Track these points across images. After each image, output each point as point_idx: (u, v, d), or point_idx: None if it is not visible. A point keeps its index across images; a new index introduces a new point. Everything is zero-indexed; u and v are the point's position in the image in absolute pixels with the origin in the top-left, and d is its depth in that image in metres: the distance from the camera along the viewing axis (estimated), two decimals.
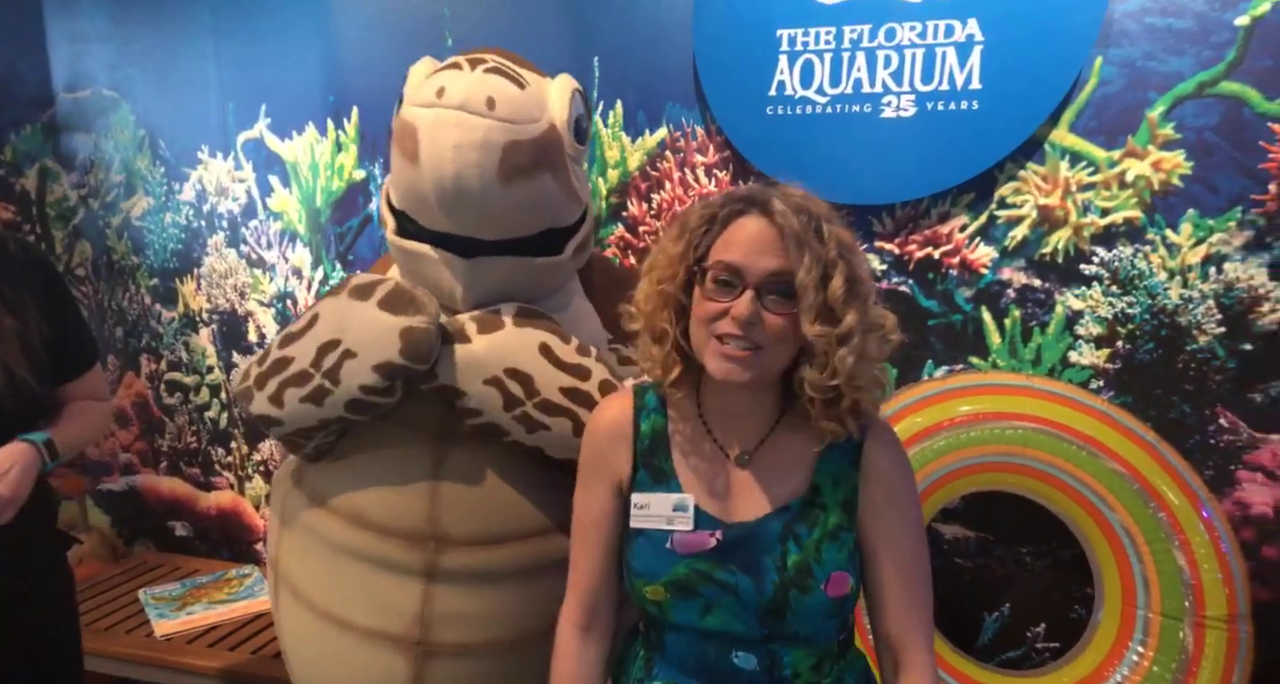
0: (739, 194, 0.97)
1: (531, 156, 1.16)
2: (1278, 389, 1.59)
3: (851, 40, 1.66)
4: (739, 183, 1.84)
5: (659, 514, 1.02)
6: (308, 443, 1.34)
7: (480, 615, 1.27)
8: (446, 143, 1.11)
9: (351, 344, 1.19)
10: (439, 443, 1.28)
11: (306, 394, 1.23)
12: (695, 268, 0.96)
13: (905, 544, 1.01)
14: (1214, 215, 1.57)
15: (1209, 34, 1.52)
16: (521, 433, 1.22)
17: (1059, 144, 1.63)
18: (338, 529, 1.31)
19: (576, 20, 1.91)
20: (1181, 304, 1.61)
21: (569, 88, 1.26)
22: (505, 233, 1.22)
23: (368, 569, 1.29)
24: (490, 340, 1.20)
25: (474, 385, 1.19)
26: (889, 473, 1.01)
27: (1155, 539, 1.55)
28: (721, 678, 1.02)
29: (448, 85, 1.12)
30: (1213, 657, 1.52)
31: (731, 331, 0.92)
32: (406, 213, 1.26)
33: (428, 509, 1.26)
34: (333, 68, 2.19)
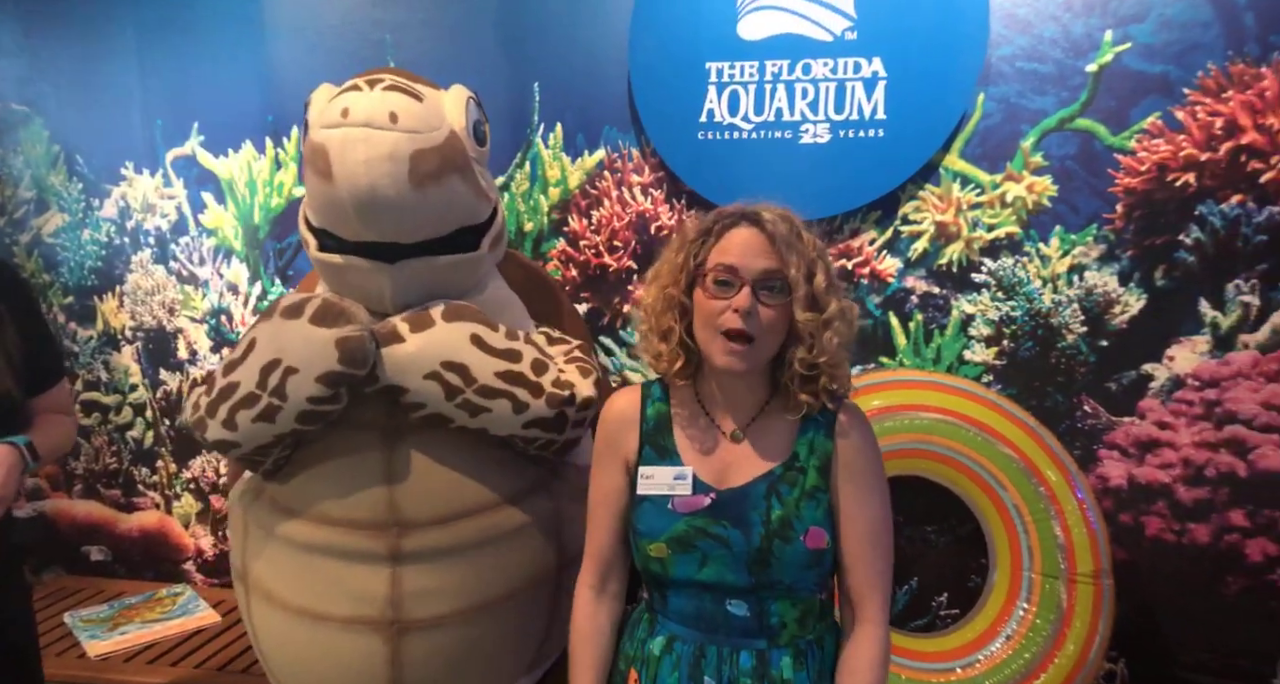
0: (729, 211, 1.15)
1: (438, 162, 1.28)
2: (1129, 378, 1.87)
3: (773, 74, 1.86)
4: (673, 201, 2.01)
5: (662, 482, 1.18)
6: (266, 459, 1.42)
7: (446, 588, 1.38)
8: (358, 158, 1.22)
9: (292, 361, 1.27)
10: (388, 438, 1.38)
11: (258, 414, 1.31)
12: (696, 273, 1.13)
13: (870, 509, 1.17)
14: (1076, 231, 1.84)
15: (1066, 78, 1.80)
16: (465, 418, 1.33)
17: (951, 168, 1.87)
18: (305, 531, 1.40)
19: (517, 48, 2.05)
20: (1053, 307, 1.87)
21: (463, 96, 1.40)
22: (423, 234, 1.34)
23: (337, 563, 1.38)
24: (423, 338, 1.31)
25: (414, 381, 1.30)
26: (857, 443, 1.17)
27: (1037, 511, 1.78)
28: (717, 625, 1.18)
29: (351, 105, 1.24)
30: (1083, 607, 1.76)
31: (734, 324, 1.09)
32: (327, 229, 1.36)
33: (386, 499, 1.36)
34: (271, 88, 2.24)
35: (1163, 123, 1.76)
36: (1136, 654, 1.93)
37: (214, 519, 2.51)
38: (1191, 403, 1.84)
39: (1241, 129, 1.73)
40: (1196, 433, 1.84)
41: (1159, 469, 1.88)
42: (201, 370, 2.43)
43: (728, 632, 1.17)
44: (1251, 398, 1.81)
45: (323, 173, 1.26)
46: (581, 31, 2.00)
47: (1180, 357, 1.83)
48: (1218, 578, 1.87)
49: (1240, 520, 1.84)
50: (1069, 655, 1.74)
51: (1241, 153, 1.74)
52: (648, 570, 1.21)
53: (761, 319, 1.09)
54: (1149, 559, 1.90)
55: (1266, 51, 1.71)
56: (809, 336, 1.10)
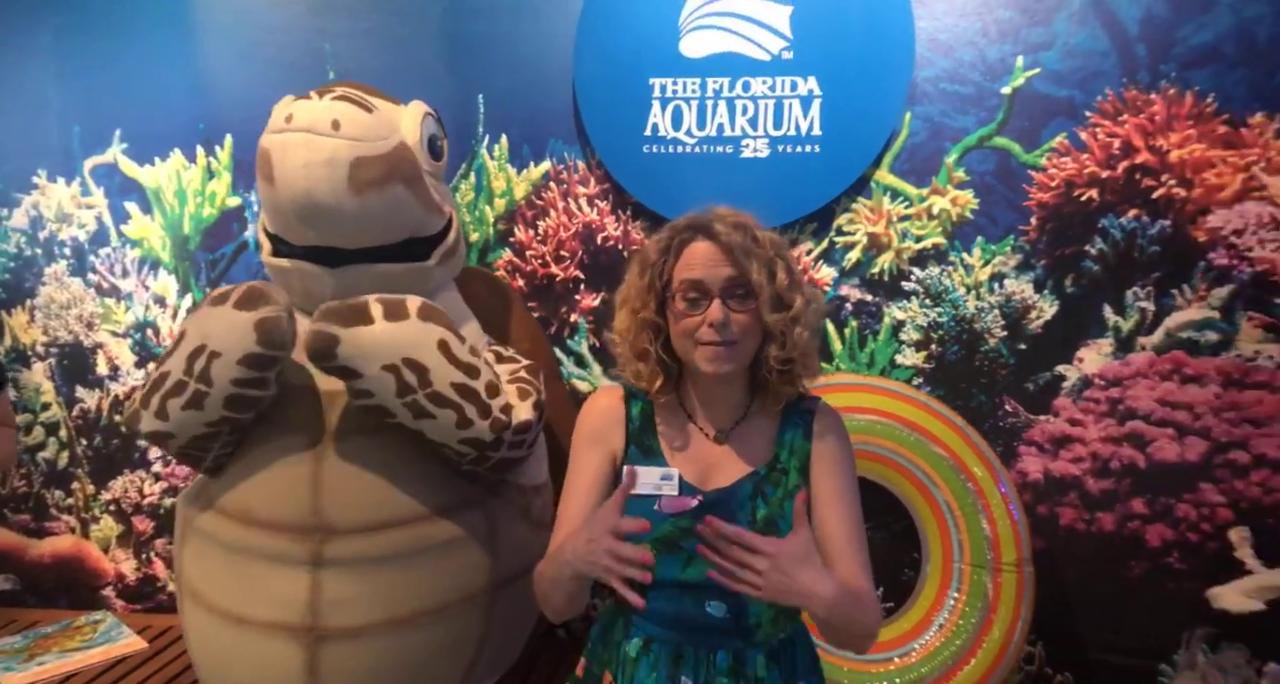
0: (681, 224, 1.19)
1: (381, 170, 1.31)
2: (1044, 379, 2.01)
3: (714, 90, 1.94)
4: (619, 212, 2.06)
5: (648, 483, 1.20)
6: (206, 455, 1.42)
7: (367, 598, 1.37)
8: (296, 162, 1.26)
9: (215, 345, 1.29)
10: (318, 440, 1.39)
11: (186, 401, 1.32)
12: (664, 293, 1.18)
13: (846, 502, 1.21)
14: (995, 241, 1.98)
15: (984, 99, 1.94)
16: (407, 417, 1.33)
17: (882, 182, 1.99)
18: (231, 530, 1.40)
19: (461, 60, 2.07)
20: (976, 313, 2.00)
21: (420, 111, 1.45)
22: (365, 241, 1.36)
23: (260, 564, 1.37)
24: (394, 327, 1.31)
25: (372, 369, 1.29)
26: (832, 442, 1.23)
27: (965, 505, 1.90)
28: (696, 626, 1.20)
29: (295, 112, 1.29)
30: (1007, 594, 1.87)
31: (710, 337, 1.13)
32: (278, 234, 1.39)
33: (311, 502, 1.36)
34: (202, 95, 2.18)
35: (1069, 142, 1.92)
36: (1052, 637, 2.06)
37: (137, 542, 2.41)
38: (1098, 401, 2.00)
39: (1136, 149, 1.90)
40: (1103, 429, 1.99)
41: (1071, 463, 2.02)
42: (125, 387, 2.34)
43: (705, 632, 1.20)
44: (1149, 395, 1.97)
45: (266, 176, 1.30)
46: (525, 45, 2.04)
47: (1088, 358, 1.98)
48: (1122, 563, 2.02)
49: (1141, 508, 2.00)
50: (995, 641, 1.85)
51: (1136, 171, 1.91)
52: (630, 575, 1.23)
53: (735, 326, 1.14)
54: (1063, 547, 2.04)
55: (1155, 79, 1.88)
56: (780, 334, 1.16)
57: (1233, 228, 1.90)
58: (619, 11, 1.94)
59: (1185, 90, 1.86)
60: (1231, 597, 1.76)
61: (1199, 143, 1.87)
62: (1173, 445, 1.97)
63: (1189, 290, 1.92)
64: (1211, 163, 1.88)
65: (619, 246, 2.07)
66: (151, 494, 2.38)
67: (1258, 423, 1.93)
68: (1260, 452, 1.93)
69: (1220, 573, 1.94)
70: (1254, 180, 1.87)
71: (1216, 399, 1.94)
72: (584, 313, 2.10)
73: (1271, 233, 1.88)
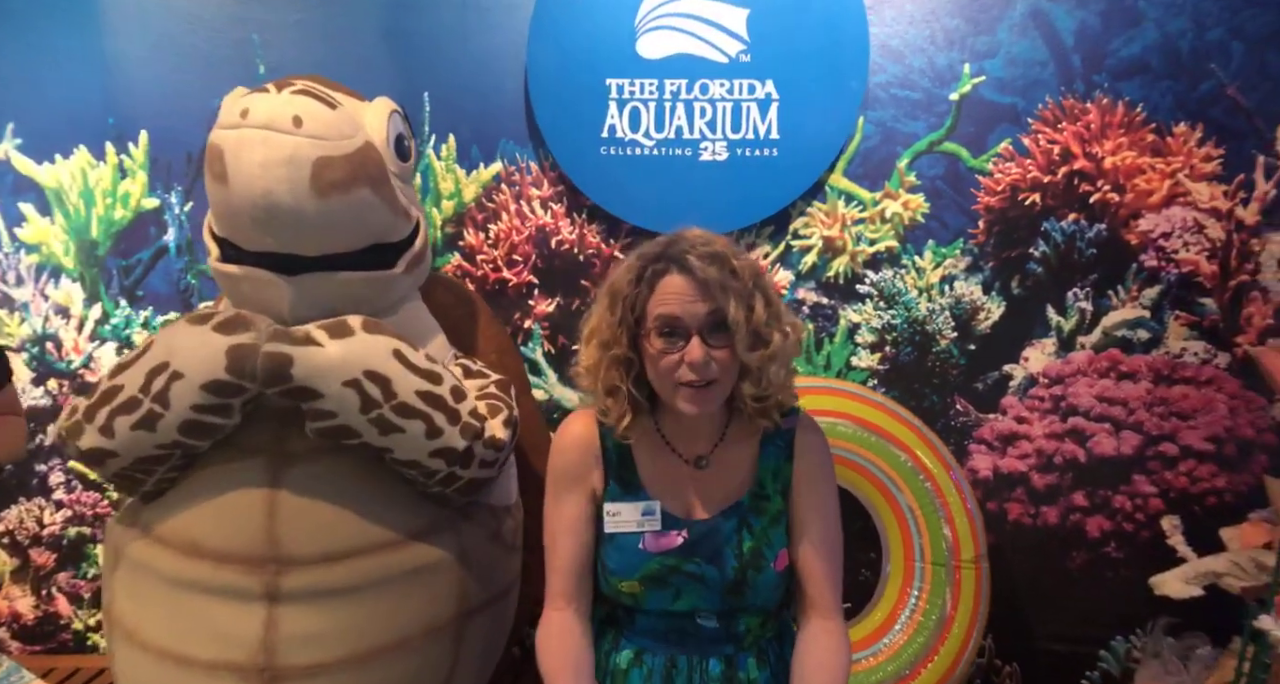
0: (652, 254, 1.10)
1: (345, 171, 1.21)
2: (993, 378, 2.07)
3: (672, 92, 1.91)
4: (574, 215, 2.00)
5: (630, 519, 1.16)
6: (148, 479, 1.29)
7: (329, 634, 1.27)
8: (253, 160, 1.16)
9: (180, 365, 1.18)
10: (274, 463, 1.27)
11: (137, 420, 1.20)
12: (638, 327, 1.11)
13: (825, 520, 1.20)
14: (945, 245, 2.02)
15: (933, 105, 1.98)
16: (374, 435, 1.24)
17: (836, 186, 2.00)
18: (172, 561, 1.27)
19: (405, 56, 1.97)
20: (928, 315, 2.04)
21: (387, 109, 1.35)
22: (327, 247, 1.26)
23: (205, 600, 1.25)
24: (345, 344, 1.22)
25: (331, 387, 1.20)
26: (813, 461, 1.21)
27: (925, 504, 1.93)
28: (686, 637, 1.18)
29: (252, 107, 1.17)
30: (967, 589, 1.91)
31: (690, 378, 1.08)
32: (228, 238, 1.27)
33: (266, 531, 1.25)
34: (111, 88, 2.00)
35: (1013, 148, 1.98)
36: (1001, 628, 2.12)
37: (35, 577, 2.19)
38: (1042, 399, 2.07)
39: (1074, 156, 1.98)
40: (1047, 425, 2.06)
41: (1018, 459, 2.09)
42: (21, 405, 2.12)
43: (697, 641, 1.19)
44: (1088, 392, 2.06)
45: (218, 175, 1.18)
46: (474, 42, 1.95)
47: (1033, 357, 2.05)
48: (1065, 554, 2.10)
49: (1081, 501, 2.08)
50: (957, 636, 1.88)
51: (1075, 176, 1.99)
52: (617, 601, 1.19)
53: (715, 364, 1.08)
54: (1010, 541, 2.10)
55: (1090, 89, 1.96)
56: (756, 370, 1.10)
57: (1161, 231, 2.00)
58: (574, 10, 1.88)
59: (1117, 100, 1.95)
60: (1173, 584, 1.84)
61: (1130, 150, 1.97)
62: (1110, 440, 2.05)
63: (1123, 291, 2.01)
64: (1141, 169, 1.98)
65: (574, 250, 2.01)
66: (53, 524, 2.17)
67: (1184, 416, 2.04)
68: (1187, 443, 2.03)
69: (1154, 561, 2.03)
70: (1179, 186, 1.98)
71: (1148, 394, 2.04)
72: (538, 319, 2.03)
73: (1195, 236, 1.99)
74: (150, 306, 2.06)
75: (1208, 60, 1.94)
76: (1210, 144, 1.95)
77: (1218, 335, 2.01)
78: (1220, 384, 2.02)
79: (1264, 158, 1.95)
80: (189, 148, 2.00)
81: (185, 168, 2.01)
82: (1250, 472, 2.03)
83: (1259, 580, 1.74)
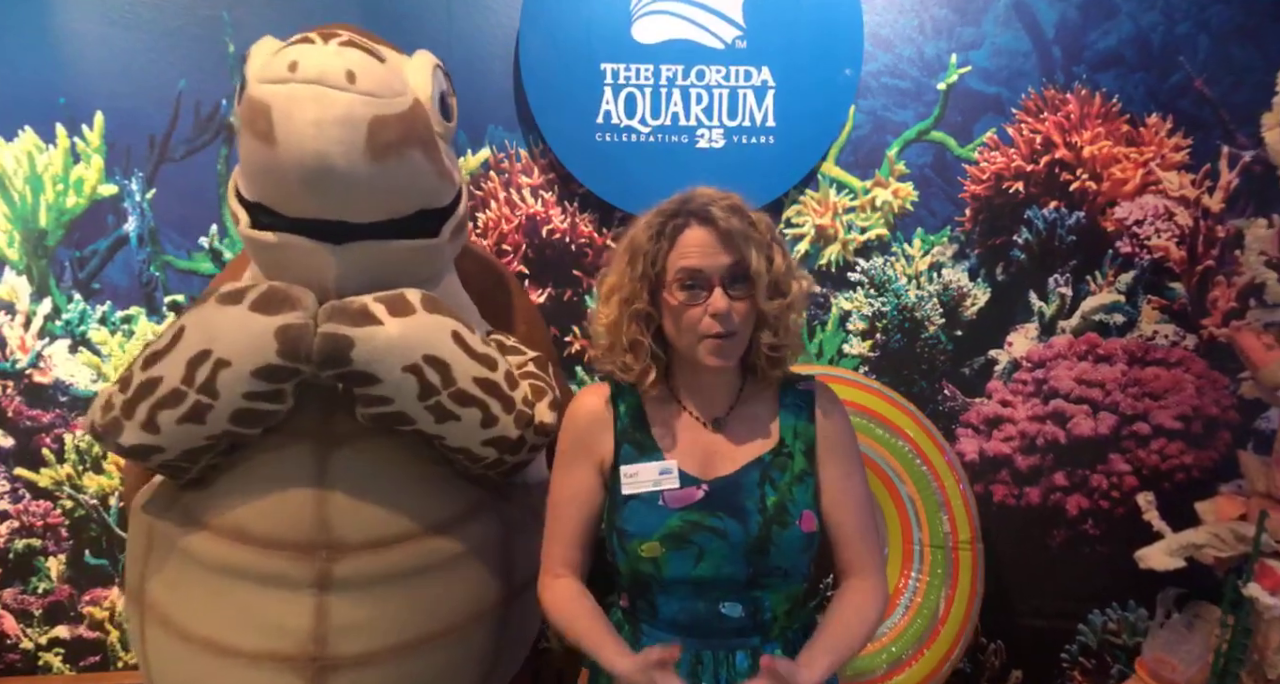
0: (671, 208, 1.12)
1: (400, 132, 1.13)
2: (979, 363, 2.11)
3: (668, 78, 1.87)
4: (565, 203, 1.95)
5: (647, 479, 1.14)
6: (194, 467, 1.22)
7: (380, 621, 1.23)
8: (306, 119, 1.06)
9: (224, 352, 1.11)
10: (321, 445, 1.22)
11: (184, 414, 1.13)
12: (658, 280, 1.11)
13: (856, 484, 1.20)
14: (934, 232, 2.05)
15: (922, 94, 2.00)
16: (429, 422, 1.18)
17: (828, 175, 2.00)
18: (218, 549, 1.21)
19: (386, 35, 1.83)
20: (917, 302, 2.07)
21: (430, 63, 1.27)
22: (377, 214, 1.18)
23: (252, 588, 1.20)
24: (406, 324, 1.15)
25: (391, 372, 1.13)
26: (837, 423, 1.21)
27: (923, 488, 1.95)
28: (711, 630, 1.15)
29: (301, 59, 1.07)
30: (964, 570, 1.95)
31: (714, 329, 1.08)
32: (262, 203, 1.18)
33: (316, 516, 1.20)
34: (63, 65, 1.85)
35: (998, 137, 2.02)
36: (986, 607, 2.16)
37: None
38: (1026, 382, 2.12)
39: (1055, 145, 2.03)
40: (1030, 408, 2.12)
41: (1002, 442, 2.14)
42: None
43: (722, 635, 1.16)
44: (1068, 375, 2.12)
45: (262, 135, 1.08)
46: (461, 22, 1.88)
47: (1017, 342, 2.10)
48: (1046, 532, 2.16)
49: (1062, 481, 2.15)
50: (956, 616, 1.92)
51: (1056, 165, 2.04)
52: (637, 574, 1.16)
53: (736, 314, 1.09)
54: (996, 522, 2.15)
55: (1070, 80, 2.01)
56: (774, 320, 1.12)
57: (1134, 219, 2.07)
58: None
59: (1094, 91, 2.01)
60: (1157, 557, 1.91)
61: (1106, 140, 2.03)
62: (1088, 420, 2.12)
63: (1100, 276, 2.08)
64: (1117, 159, 2.04)
65: (566, 240, 1.96)
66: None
67: (1156, 396, 2.12)
68: (1159, 422, 2.12)
69: (1130, 536, 2.11)
70: (1151, 175, 2.05)
71: (1123, 376, 2.11)
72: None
73: (1165, 223, 2.07)
74: (108, 300, 1.92)
75: (1177, 53, 2.01)
76: (1179, 135, 2.03)
77: (1186, 318, 2.09)
78: (1188, 365, 2.11)
79: (1228, 148, 2.03)
80: (152, 130, 1.87)
81: (148, 152, 1.88)
82: (1215, 448, 2.13)
83: (1238, 551, 1.82)
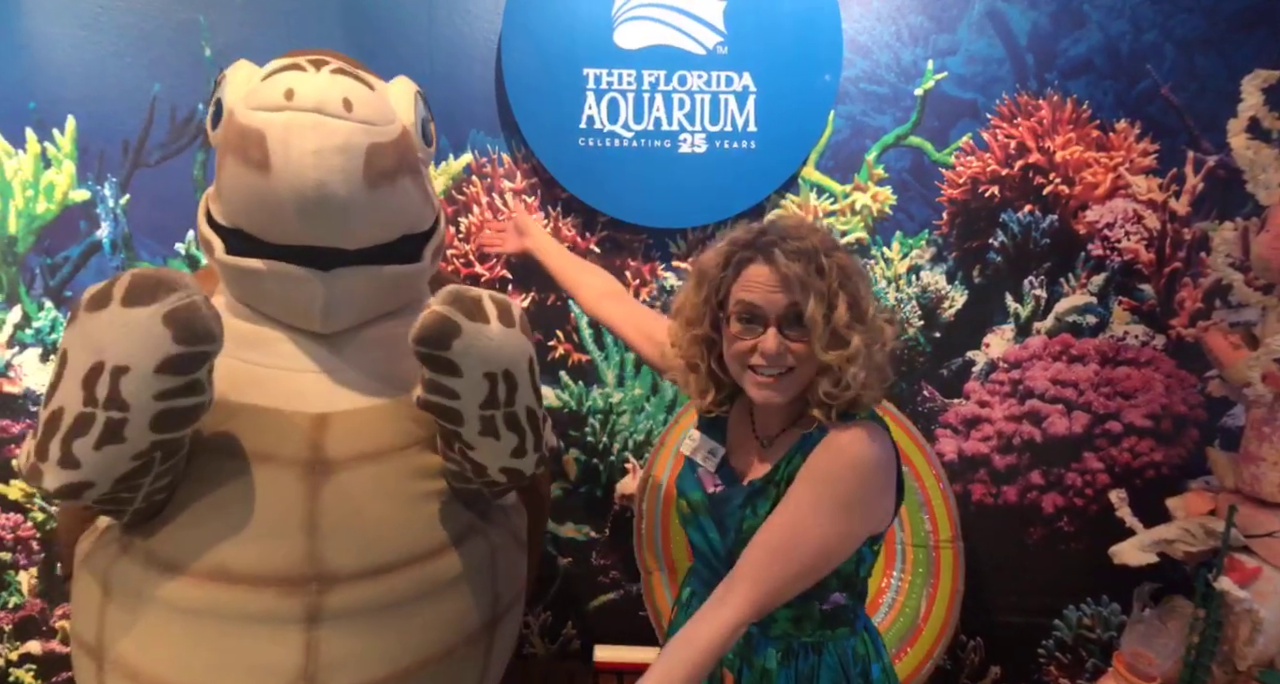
0: (743, 240, 1.12)
1: (394, 159, 1.14)
2: (957, 365, 2.15)
3: (650, 83, 1.88)
4: (548, 208, 1.95)
5: (701, 449, 1.23)
6: (136, 495, 1.14)
7: (372, 652, 1.19)
8: (305, 148, 1.05)
9: (116, 359, 1.00)
10: (311, 472, 1.17)
11: (99, 437, 1.04)
12: (720, 310, 1.14)
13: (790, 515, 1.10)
14: (912, 236, 2.08)
15: (899, 100, 2.03)
16: (474, 432, 1.16)
17: (809, 179, 2.02)
18: (197, 593, 1.15)
19: (367, 39, 1.86)
20: (896, 304, 2.09)
21: (411, 90, 1.27)
22: (368, 240, 1.18)
23: (236, 629, 1.14)
24: (506, 332, 1.13)
25: (474, 372, 1.11)
26: (822, 460, 1.11)
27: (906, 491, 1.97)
28: None
29: (297, 87, 1.07)
30: (945, 569, 1.98)
31: (761, 365, 1.09)
32: (243, 229, 1.16)
33: (306, 547, 1.15)
34: (32, 69, 1.82)
35: (973, 142, 2.05)
36: (966, 603, 2.20)
37: None
38: (1002, 383, 2.16)
39: (1028, 150, 2.07)
40: (1007, 408, 2.16)
41: (980, 442, 2.17)
42: None
43: None
44: (1043, 375, 2.16)
45: (256, 163, 1.06)
46: (442, 25, 1.87)
47: (994, 343, 2.14)
48: (1023, 530, 2.20)
49: (1038, 479, 2.19)
50: (938, 616, 1.95)
51: (1029, 170, 2.08)
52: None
53: (791, 356, 1.08)
54: (974, 521, 2.18)
55: (1043, 86, 2.06)
56: (836, 370, 1.08)
57: (1105, 222, 2.11)
58: None
59: (1066, 97, 2.05)
60: (1130, 553, 1.96)
61: (1077, 145, 2.07)
62: (1062, 420, 2.16)
63: (1073, 278, 2.12)
64: (1088, 163, 2.09)
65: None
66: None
67: (1127, 395, 2.17)
68: (1129, 421, 2.17)
69: (1103, 533, 2.15)
70: (1121, 179, 2.10)
71: (1095, 375, 2.15)
72: None
73: (1135, 226, 2.12)
74: None
75: (1144, 61, 2.06)
76: (1147, 140, 2.08)
77: (1155, 319, 2.15)
78: (1158, 364, 2.16)
79: (1193, 153, 2.09)
80: (125, 135, 1.84)
81: (121, 157, 1.85)
82: (1183, 445, 2.18)
83: (1208, 546, 1.87)
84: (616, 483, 2.12)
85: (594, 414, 2.07)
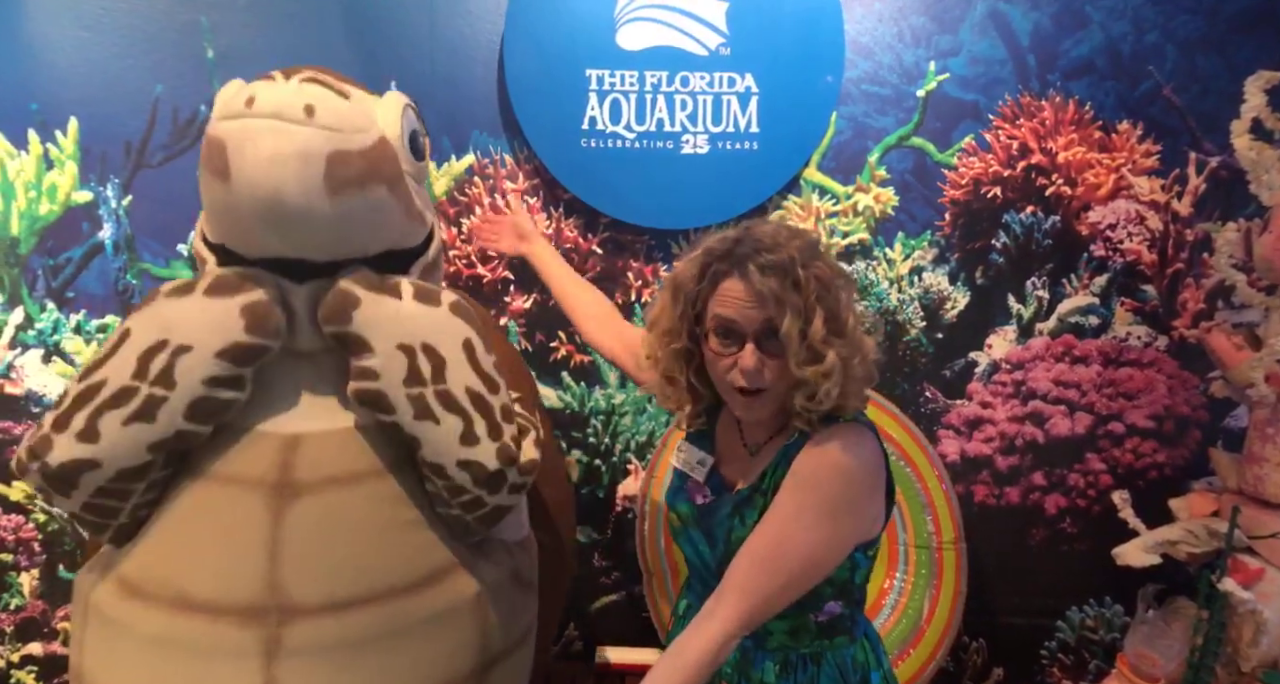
0: (717, 251, 1.07)
1: (361, 168, 1.10)
2: (959, 365, 2.14)
3: (652, 84, 1.88)
4: (550, 209, 1.95)
5: (690, 460, 1.22)
6: (124, 505, 1.12)
7: None
8: (259, 154, 1.03)
9: (183, 339, 1.05)
10: (276, 495, 1.12)
11: (133, 412, 1.04)
12: (697, 323, 1.11)
13: (773, 523, 1.08)
14: (914, 237, 2.08)
15: (902, 101, 2.03)
16: (408, 416, 1.12)
17: (811, 180, 2.02)
18: (156, 619, 1.10)
19: (369, 40, 1.87)
20: (898, 305, 2.09)
21: (400, 102, 1.24)
22: (340, 252, 1.15)
23: (193, 661, 1.09)
24: (420, 308, 1.13)
25: (386, 345, 1.10)
26: (806, 468, 1.09)
27: (907, 489, 1.97)
28: None
29: (258, 95, 1.05)
30: (948, 570, 1.98)
31: (741, 383, 1.06)
32: (225, 244, 1.14)
33: (266, 575, 1.09)
34: (35, 70, 1.82)
35: (975, 143, 2.05)
36: (968, 604, 2.19)
37: None
38: (1005, 384, 2.15)
39: (1031, 151, 2.07)
40: (1009, 409, 2.15)
41: (983, 443, 2.17)
42: None
43: None
44: (1046, 376, 2.16)
45: (218, 171, 1.04)
46: (444, 26, 1.87)
47: (996, 344, 2.13)
48: (1025, 531, 2.20)
49: (1040, 480, 2.19)
50: (941, 617, 1.94)
51: (1032, 170, 2.08)
52: None
53: (768, 371, 1.05)
54: (977, 522, 2.18)
55: (1045, 87, 2.06)
56: (810, 384, 1.04)
57: (1107, 223, 2.11)
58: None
59: (1068, 98, 2.05)
60: (1133, 554, 1.95)
61: (1080, 146, 2.07)
62: (1065, 421, 2.16)
63: (1075, 279, 2.12)
64: (1090, 164, 2.09)
65: (552, 245, 1.95)
66: None
67: (1130, 396, 2.17)
68: (1132, 422, 2.16)
69: (1106, 534, 2.15)
70: (1123, 180, 2.10)
71: (1098, 376, 2.15)
72: (514, 316, 1.97)
73: (1137, 227, 2.12)
74: (83, 309, 1.89)
75: (1146, 62, 2.06)
76: (1149, 141, 2.08)
77: (1158, 320, 2.14)
78: (1160, 365, 2.16)
79: (1195, 154, 2.09)
80: (128, 137, 1.84)
81: (123, 159, 1.85)
82: (1186, 446, 2.18)
83: (1211, 547, 1.87)
84: (619, 484, 2.12)
85: (596, 415, 2.07)
